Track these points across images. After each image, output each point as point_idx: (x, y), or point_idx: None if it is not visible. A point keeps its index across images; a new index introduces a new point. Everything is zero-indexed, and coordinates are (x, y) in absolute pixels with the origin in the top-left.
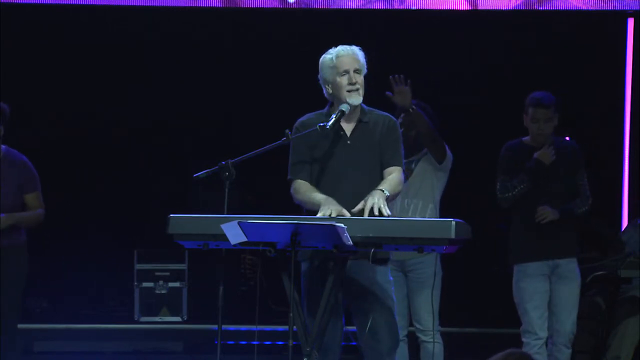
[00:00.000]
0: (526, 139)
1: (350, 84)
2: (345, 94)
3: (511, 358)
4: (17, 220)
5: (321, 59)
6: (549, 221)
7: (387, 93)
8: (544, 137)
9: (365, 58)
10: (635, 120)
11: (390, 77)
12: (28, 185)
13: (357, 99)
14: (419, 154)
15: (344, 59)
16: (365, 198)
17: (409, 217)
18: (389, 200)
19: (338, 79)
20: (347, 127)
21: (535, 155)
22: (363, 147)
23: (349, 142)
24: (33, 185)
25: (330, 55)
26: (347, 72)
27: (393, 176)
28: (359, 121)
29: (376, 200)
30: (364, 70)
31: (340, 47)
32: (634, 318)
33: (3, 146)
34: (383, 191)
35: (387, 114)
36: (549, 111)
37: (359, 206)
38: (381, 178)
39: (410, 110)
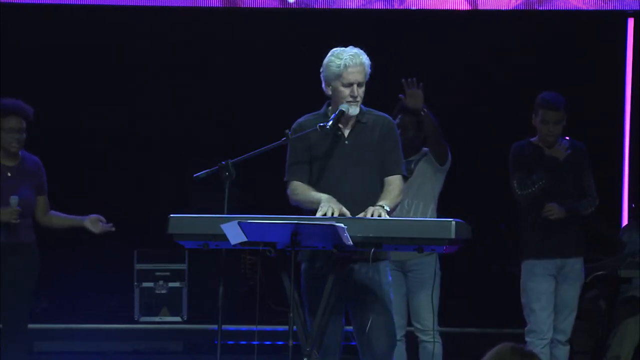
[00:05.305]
0: (534, 139)
1: (352, 96)
2: (345, 103)
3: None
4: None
5: (327, 59)
6: (555, 219)
7: (400, 95)
8: (553, 139)
9: (369, 64)
10: (635, 120)
11: (403, 79)
12: (42, 187)
13: (355, 109)
14: (419, 154)
15: (351, 71)
16: (366, 210)
17: (409, 217)
18: (390, 213)
19: (341, 88)
20: (345, 128)
21: (548, 152)
22: (361, 147)
23: (347, 142)
24: (45, 186)
25: (338, 61)
26: (351, 84)
27: (393, 187)
28: (357, 122)
29: (376, 208)
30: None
31: (348, 55)
32: (634, 318)
33: None
34: (383, 207)
35: (384, 114)
36: (559, 114)
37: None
38: (380, 178)
39: (422, 112)
